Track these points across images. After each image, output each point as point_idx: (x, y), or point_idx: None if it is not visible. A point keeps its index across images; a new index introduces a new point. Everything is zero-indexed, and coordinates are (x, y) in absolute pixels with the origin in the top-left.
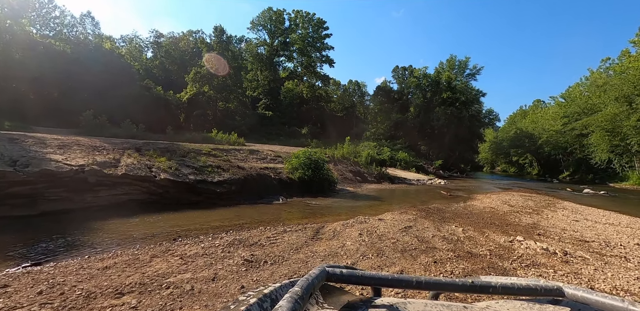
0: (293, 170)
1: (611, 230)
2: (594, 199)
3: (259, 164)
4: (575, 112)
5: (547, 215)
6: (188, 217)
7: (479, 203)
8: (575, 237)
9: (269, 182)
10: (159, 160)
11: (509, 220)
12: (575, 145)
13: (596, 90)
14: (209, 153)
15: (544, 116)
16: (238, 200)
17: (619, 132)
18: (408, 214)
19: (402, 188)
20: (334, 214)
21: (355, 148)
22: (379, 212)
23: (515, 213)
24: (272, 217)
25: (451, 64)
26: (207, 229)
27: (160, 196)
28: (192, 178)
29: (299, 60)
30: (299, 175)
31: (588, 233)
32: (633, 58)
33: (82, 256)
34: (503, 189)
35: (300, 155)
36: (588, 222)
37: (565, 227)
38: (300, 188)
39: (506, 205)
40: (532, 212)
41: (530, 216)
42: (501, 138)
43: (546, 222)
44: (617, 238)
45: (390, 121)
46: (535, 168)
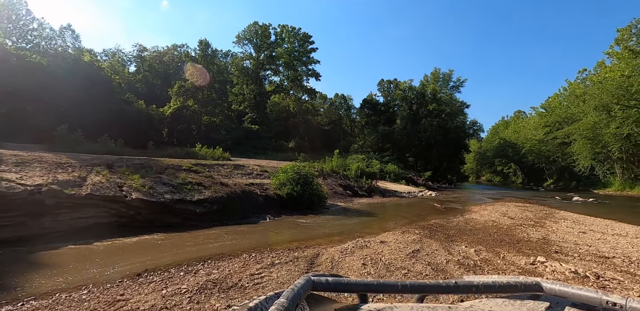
0: (280, 185)
1: (624, 242)
2: (586, 207)
3: (244, 180)
4: (556, 122)
5: (552, 227)
6: (161, 243)
7: (479, 217)
8: (594, 253)
9: (255, 200)
10: (131, 178)
11: (516, 235)
12: (557, 154)
13: (575, 100)
14: (190, 169)
15: (525, 126)
16: (221, 221)
17: (600, 140)
18: (411, 234)
19: (394, 202)
20: (327, 235)
21: (344, 161)
22: (376, 231)
23: (519, 226)
24: (257, 240)
25: (435, 76)
26: (181, 259)
27: (132, 218)
28: (169, 197)
29: (285, 74)
30: (287, 191)
31: (603, 247)
32: (609, 69)
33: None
34: (494, 199)
35: (288, 169)
36: (596, 234)
37: (576, 241)
38: (288, 205)
39: (506, 218)
40: (535, 224)
41: (536, 229)
42: (485, 149)
43: (555, 236)
44: (635, 252)
45: (377, 133)
46: (519, 177)
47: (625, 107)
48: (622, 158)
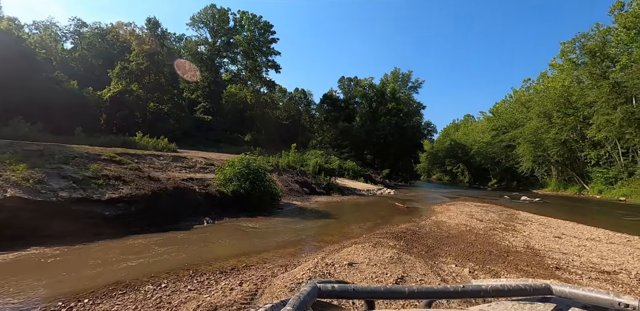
0: (226, 181)
1: (606, 250)
2: (536, 207)
3: (182, 174)
4: (503, 126)
5: (524, 231)
6: (37, 262)
7: (447, 219)
8: (592, 267)
9: (192, 198)
10: (13, 168)
11: (498, 243)
12: (502, 156)
13: (520, 107)
14: (112, 159)
15: (474, 129)
16: (141, 226)
17: (541, 144)
18: (384, 247)
19: (354, 201)
20: (277, 246)
21: (301, 156)
22: (337, 238)
23: (493, 230)
24: (180, 256)
25: (395, 76)
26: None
27: (3, 225)
28: (65, 195)
29: (243, 64)
30: (234, 189)
31: (592, 257)
32: (550, 79)
33: None
34: (451, 198)
35: (235, 163)
36: (573, 240)
37: (561, 249)
38: (234, 204)
39: (475, 220)
40: (507, 227)
41: (512, 235)
42: (437, 149)
43: (537, 244)
44: (628, 263)
45: (336, 130)
46: (466, 177)
47: (565, 114)
48: (558, 161)
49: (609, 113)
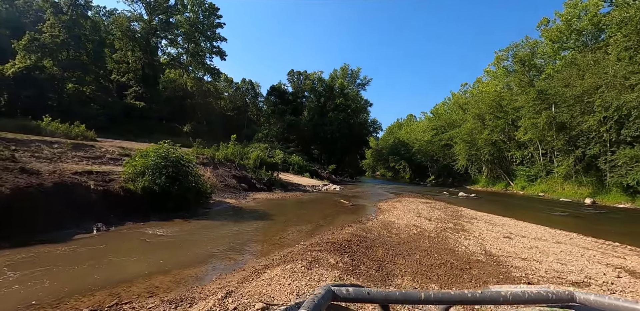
0: (136, 176)
1: (558, 252)
2: (473, 202)
3: (79, 166)
4: (442, 126)
5: (474, 231)
6: None
7: (396, 219)
8: (557, 276)
9: (83, 198)
10: None
11: (455, 249)
12: (440, 154)
13: (457, 109)
14: None
15: (416, 128)
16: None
17: (475, 144)
18: (322, 267)
19: (297, 198)
20: (180, 265)
21: (242, 149)
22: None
23: (445, 231)
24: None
25: (344, 72)
26: None
27: None
28: None
29: (184, 47)
30: (145, 185)
31: (551, 262)
32: (485, 84)
33: None
34: (395, 194)
35: (150, 152)
36: (522, 240)
37: (517, 253)
38: (144, 205)
39: (424, 219)
40: (457, 227)
41: (465, 237)
42: (382, 146)
43: (492, 247)
44: (589, 269)
45: (283, 123)
46: (408, 173)
47: (496, 117)
48: (489, 160)
49: (534, 118)
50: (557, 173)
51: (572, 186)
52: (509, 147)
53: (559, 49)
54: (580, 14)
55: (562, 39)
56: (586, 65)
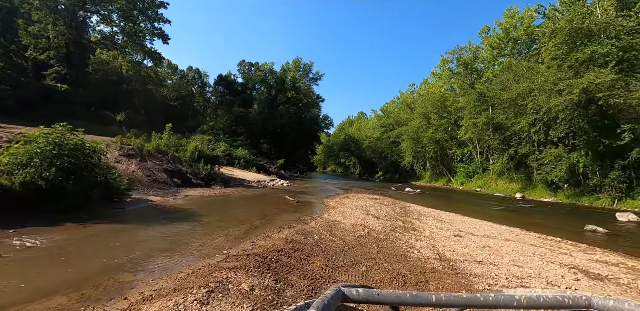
0: (15, 167)
1: (510, 250)
2: (419, 197)
3: None
4: (390, 124)
5: (424, 230)
6: None
7: (342, 218)
8: (518, 283)
9: None
10: None
11: (406, 254)
12: (388, 151)
13: (405, 108)
14: None
15: (366, 125)
16: None
17: (421, 141)
18: (225, 298)
19: (238, 194)
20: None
21: (179, 140)
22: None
23: (394, 231)
24: None
25: (297, 65)
26: None
27: None
28: None
29: (119, 26)
30: (26, 179)
31: (508, 264)
32: (431, 85)
33: None
34: (344, 190)
35: (39, 138)
36: (473, 238)
37: (472, 255)
38: (27, 204)
39: (372, 218)
40: (406, 226)
41: (416, 237)
42: (333, 142)
43: (445, 249)
44: (547, 272)
45: (231, 115)
46: (357, 169)
47: (440, 117)
48: (432, 157)
49: (474, 118)
50: (492, 170)
51: (504, 182)
52: (450, 145)
53: (497, 55)
54: (516, 24)
55: (501, 46)
56: (521, 70)
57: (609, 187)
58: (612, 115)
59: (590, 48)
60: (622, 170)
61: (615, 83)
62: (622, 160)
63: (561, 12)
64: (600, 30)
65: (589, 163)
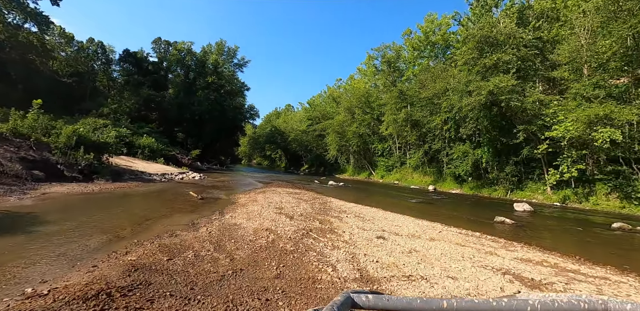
0: None
1: (439, 254)
2: (342, 191)
3: None
4: (317, 117)
5: (345, 233)
6: None
7: (246, 219)
8: None
9: None
10: None
11: (316, 278)
12: (314, 144)
13: (331, 102)
14: None
15: (293, 118)
16: None
17: (345, 135)
18: None
19: (126, 190)
20: None
21: (52, 122)
22: None
23: (307, 237)
24: None
25: (220, 48)
26: None
27: None
28: None
29: None
30: None
31: (441, 276)
32: (356, 81)
33: None
34: (264, 184)
35: None
36: (398, 240)
37: (399, 267)
38: None
39: (284, 218)
40: (323, 227)
41: (333, 245)
42: (259, 134)
43: (367, 260)
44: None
45: (139, 97)
46: (283, 162)
47: (364, 112)
48: (356, 151)
49: (395, 114)
50: (409, 164)
51: (419, 175)
52: (373, 140)
53: (417, 56)
54: (435, 29)
55: (421, 48)
56: (438, 72)
57: (504, 180)
58: (510, 117)
59: (496, 55)
60: (514, 166)
61: (515, 88)
62: (515, 156)
63: (473, 22)
64: (505, 41)
65: (489, 159)
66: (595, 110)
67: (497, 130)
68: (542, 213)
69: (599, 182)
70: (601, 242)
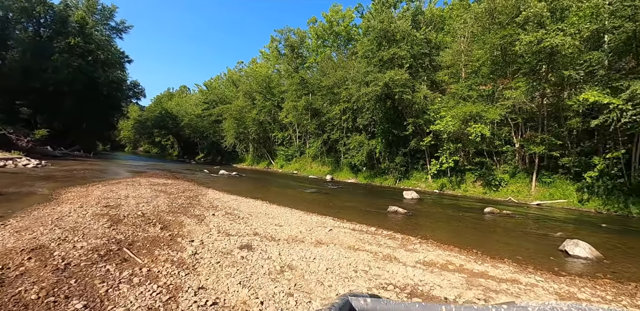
0: None
1: (322, 269)
2: (232, 181)
3: None
4: (214, 101)
5: (194, 239)
6: None
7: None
8: None
9: None
10: None
11: None
12: (210, 130)
13: (231, 85)
14: None
15: (188, 101)
16: None
17: (244, 122)
18: None
19: None
20: None
21: None
22: None
23: (107, 259)
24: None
25: (91, 5)
26: None
27: None
28: None
29: None
30: None
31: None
32: (258, 65)
33: None
34: (136, 173)
35: None
36: (270, 249)
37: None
38: None
39: (104, 220)
40: (160, 235)
41: (150, 269)
42: (147, 118)
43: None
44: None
45: None
46: (176, 150)
47: (265, 98)
48: (255, 139)
49: (295, 101)
50: (308, 154)
51: (318, 165)
52: (273, 128)
53: (321, 44)
54: (339, 20)
55: (324, 37)
56: (339, 61)
57: (394, 169)
58: (401, 110)
59: (392, 49)
60: (403, 156)
61: (408, 82)
62: (404, 148)
63: (375, 17)
64: (401, 39)
65: (382, 150)
66: (470, 108)
67: (390, 122)
68: (427, 201)
69: (468, 171)
70: (485, 228)
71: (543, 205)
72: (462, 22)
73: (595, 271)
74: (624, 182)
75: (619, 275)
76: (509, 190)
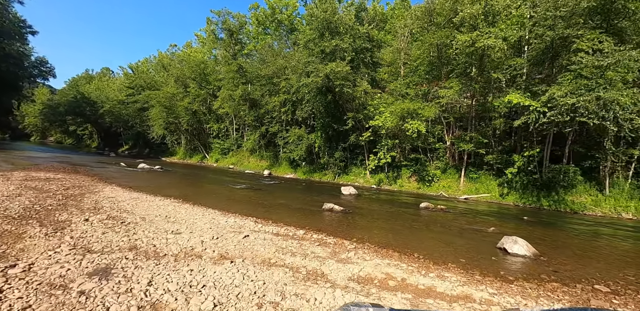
0: None
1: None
2: (150, 177)
3: None
4: (141, 86)
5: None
6: None
7: None
8: None
9: None
10: None
11: None
12: (136, 120)
13: (161, 69)
14: None
15: (110, 85)
16: None
17: (175, 111)
18: None
19: None
20: None
21: None
22: None
23: None
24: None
25: None
26: None
27: None
28: None
29: None
30: None
31: None
32: (193, 50)
33: None
34: (31, 165)
35: None
36: (140, 276)
37: None
38: None
39: None
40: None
41: None
42: (58, 102)
43: None
44: None
45: None
46: (95, 141)
47: (199, 86)
48: (188, 130)
49: (232, 90)
50: (245, 148)
51: (256, 159)
52: (208, 119)
53: (262, 32)
54: (282, 8)
55: (266, 24)
56: (280, 50)
57: (334, 165)
58: (342, 105)
59: (335, 41)
60: (343, 151)
61: (348, 76)
62: (343, 143)
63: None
64: (344, 30)
65: (322, 144)
66: (407, 105)
67: (330, 116)
68: (365, 196)
69: (404, 167)
70: (423, 226)
71: (470, 199)
72: (402, 20)
73: (539, 273)
74: (537, 177)
75: (560, 274)
76: (440, 185)
